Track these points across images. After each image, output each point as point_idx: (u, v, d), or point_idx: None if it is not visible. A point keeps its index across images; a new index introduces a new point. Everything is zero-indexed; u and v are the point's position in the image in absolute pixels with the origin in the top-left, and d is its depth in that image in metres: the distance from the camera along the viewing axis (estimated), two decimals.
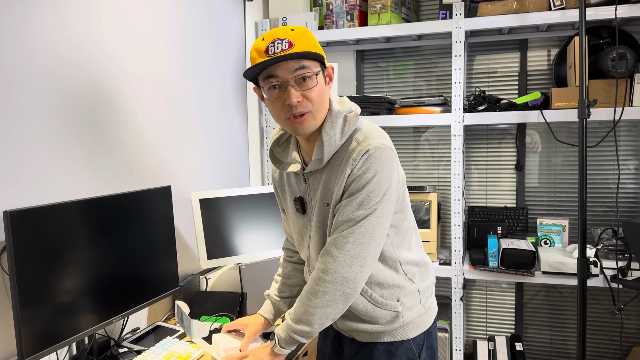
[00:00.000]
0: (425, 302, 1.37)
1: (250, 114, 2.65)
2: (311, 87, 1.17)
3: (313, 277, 1.22)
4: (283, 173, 1.40)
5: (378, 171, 1.18)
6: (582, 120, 2.00)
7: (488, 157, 2.77)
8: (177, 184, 2.06)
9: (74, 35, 1.56)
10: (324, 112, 1.22)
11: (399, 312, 1.31)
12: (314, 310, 1.20)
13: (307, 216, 1.34)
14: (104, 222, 1.50)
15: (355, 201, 1.18)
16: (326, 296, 1.19)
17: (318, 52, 1.17)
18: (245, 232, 2.06)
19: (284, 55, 1.13)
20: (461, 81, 2.37)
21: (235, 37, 2.48)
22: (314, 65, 1.18)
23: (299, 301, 1.24)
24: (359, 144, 1.20)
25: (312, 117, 1.19)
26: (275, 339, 1.27)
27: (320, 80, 1.19)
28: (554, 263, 2.27)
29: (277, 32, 1.17)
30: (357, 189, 1.18)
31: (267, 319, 1.50)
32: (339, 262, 1.18)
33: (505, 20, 2.30)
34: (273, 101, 1.20)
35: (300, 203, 1.34)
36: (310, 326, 1.21)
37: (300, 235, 1.38)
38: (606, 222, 2.59)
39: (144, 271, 1.65)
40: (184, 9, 2.09)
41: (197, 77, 2.19)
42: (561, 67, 2.51)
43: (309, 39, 1.18)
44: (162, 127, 1.97)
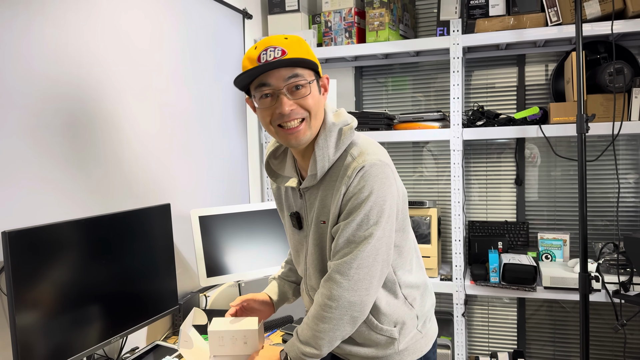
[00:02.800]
0: (423, 327, 1.32)
1: (250, 131, 2.66)
2: (305, 96, 1.13)
3: (318, 302, 1.18)
4: (280, 187, 1.38)
5: (374, 189, 1.13)
6: (580, 135, 2.01)
7: (488, 172, 2.77)
8: (177, 201, 2.06)
9: (73, 53, 1.57)
10: (319, 123, 1.18)
11: (395, 339, 1.27)
12: (321, 335, 1.16)
13: (304, 232, 1.30)
14: (103, 241, 1.50)
15: (354, 222, 1.13)
16: (333, 321, 1.15)
17: (312, 60, 1.14)
18: (245, 249, 2.05)
19: (276, 62, 1.09)
20: (460, 97, 2.38)
21: (234, 54, 2.50)
22: (308, 73, 1.14)
23: (305, 324, 1.20)
24: (354, 159, 1.15)
25: (307, 127, 1.15)
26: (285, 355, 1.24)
27: (314, 89, 1.16)
28: (555, 278, 2.25)
29: (269, 40, 1.13)
30: (353, 208, 1.14)
31: (273, 300, 1.46)
32: (343, 288, 1.14)
33: (502, 36, 2.32)
34: (264, 110, 1.15)
35: (297, 218, 1.30)
36: (319, 349, 1.18)
37: (296, 250, 1.35)
38: (607, 236, 2.59)
39: (142, 290, 1.64)
40: (184, 27, 2.11)
41: (197, 94, 2.20)
42: (559, 82, 2.52)
43: (302, 47, 1.14)
44: (161, 144, 1.97)
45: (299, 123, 1.14)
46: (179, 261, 2.07)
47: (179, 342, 1.49)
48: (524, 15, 2.30)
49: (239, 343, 1.33)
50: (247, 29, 2.60)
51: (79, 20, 1.59)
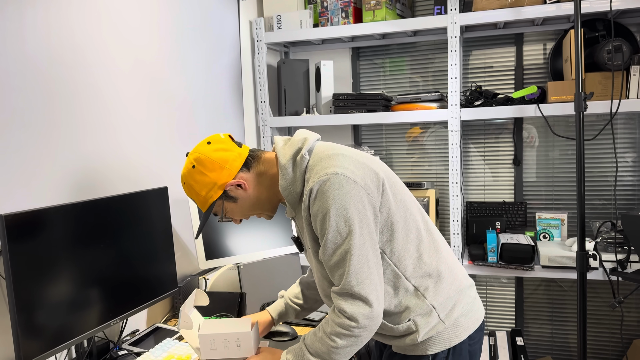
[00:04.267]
0: (448, 317, 1.26)
1: (247, 113, 2.64)
2: (232, 217, 1.32)
3: (335, 321, 1.17)
4: None
5: (329, 204, 1.13)
6: (579, 113, 2.00)
7: (486, 152, 2.77)
8: (174, 184, 2.05)
9: (66, 37, 1.55)
10: (262, 207, 1.30)
11: (414, 331, 1.24)
12: (339, 351, 1.18)
13: (306, 252, 1.35)
14: (101, 225, 1.50)
15: (329, 243, 1.15)
16: (353, 338, 1.17)
17: (208, 203, 1.27)
18: (243, 231, 2.05)
19: (202, 222, 1.34)
20: (457, 77, 2.36)
21: (229, 36, 2.47)
22: (217, 206, 1.29)
23: (319, 339, 1.20)
24: (307, 183, 1.20)
25: (261, 216, 1.34)
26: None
27: (231, 207, 1.29)
28: (553, 257, 2.26)
29: (183, 188, 1.35)
30: (321, 230, 1.17)
31: (273, 318, 1.50)
32: (358, 306, 1.15)
33: (500, 15, 2.29)
34: None
35: (297, 242, 1.37)
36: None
37: (310, 269, 1.45)
38: (605, 215, 2.59)
39: (142, 273, 1.65)
40: (178, 10, 2.08)
41: (192, 77, 2.18)
42: (557, 60, 2.50)
43: (195, 191, 1.27)
44: (157, 127, 1.96)
45: (256, 215, 1.34)
46: (178, 244, 2.07)
47: (179, 323, 1.50)
48: None
49: (231, 346, 1.29)
50: (242, 10, 2.57)
51: (72, 3, 1.56)
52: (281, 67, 2.69)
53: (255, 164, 1.28)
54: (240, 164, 1.26)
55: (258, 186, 1.27)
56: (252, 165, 1.28)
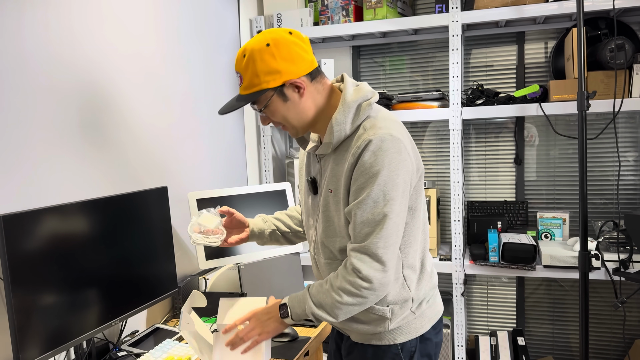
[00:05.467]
0: (418, 309, 1.30)
1: (247, 112, 2.63)
2: (268, 115, 1.22)
3: (347, 278, 1.17)
4: (303, 156, 1.42)
5: (385, 164, 1.13)
6: (581, 112, 1.99)
7: (487, 151, 2.75)
8: (174, 184, 2.04)
9: (66, 36, 1.53)
10: (302, 122, 1.22)
11: (387, 318, 1.26)
12: (342, 307, 1.18)
13: (317, 197, 1.31)
14: (100, 225, 1.48)
15: (370, 199, 1.14)
16: (361, 299, 1.17)
17: (258, 88, 1.16)
18: None
19: (228, 109, 1.21)
20: (459, 75, 2.35)
21: (229, 34, 2.45)
22: (265, 96, 1.18)
23: (325, 290, 1.19)
24: (365, 131, 1.17)
25: (291, 128, 1.23)
26: (287, 311, 1.24)
27: (275, 104, 1.19)
28: (555, 257, 2.25)
29: (237, 59, 1.21)
30: (366, 184, 1.14)
31: (250, 229, 1.48)
32: (376, 270, 1.15)
33: (502, 13, 2.28)
34: None
35: (313, 184, 1.31)
36: (334, 318, 1.20)
37: (308, 216, 1.36)
38: (607, 214, 2.58)
39: (141, 273, 1.63)
40: (177, 8, 2.06)
41: (192, 75, 2.16)
42: (559, 59, 2.49)
43: (255, 69, 1.16)
44: (157, 126, 1.94)
45: (282, 127, 1.24)
46: (178, 244, 2.06)
47: (180, 324, 1.49)
48: None
49: None
50: (242, 7, 2.55)
51: (72, 2, 1.55)
52: None
53: (319, 79, 1.22)
54: (308, 70, 1.20)
55: (311, 100, 1.21)
56: (316, 79, 1.22)
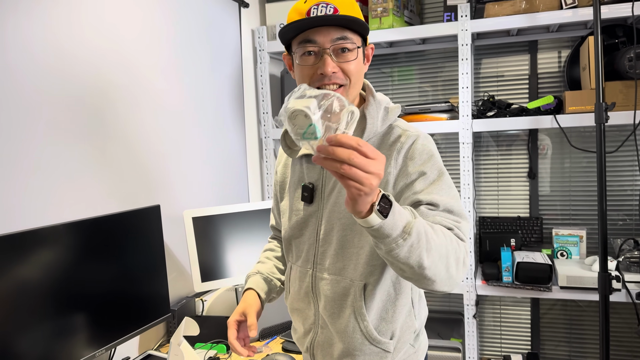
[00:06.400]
0: (416, 341, 1.21)
1: (248, 125, 2.54)
2: (350, 60, 1.07)
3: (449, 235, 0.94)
4: (289, 160, 1.28)
5: (433, 153, 1.09)
6: (599, 125, 1.87)
7: (499, 164, 2.64)
8: (171, 201, 1.95)
9: (56, 47, 1.45)
10: (356, 92, 1.12)
11: (389, 352, 1.14)
12: (438, 248, 0.89)
13: (314, 206, 1.18)
14: (88, 248, 1.39)
15: (434, 171, 1.07)
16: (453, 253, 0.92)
17: (365, 23, 1.07)
18: (243, 251, 1.94)
19: (329, 17, 1.03)
20: (469, 86, 2.25)
21: (231, 45, 2.38)
22: (357, 38, 1.08)
23: (434, 231, 0.90)
24: (404, 130, 1.11)
25: (345, 94, 1.08)
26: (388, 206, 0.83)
27: (360, 55, 1.09)
28: (572, 277, 2.13)
29: None
30: (427, 163, 1.07)
31: (262, 299, 1.28)
32: (465, 223, 1.02)
33: (513, 21, 2.18)
34: (304, 68, 1.08)
35: (310, 190, 1.18)
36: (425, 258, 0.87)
37: (299, 229, 1.21)
38: (626, 231, 2.45)
39: (132, 297, 1.54)
40: (177, 18, 1.99)
41: (191, 87, 2.08)
42: (574, 68, 2.38)
43: (355, 9, 1.08)
44: (153, 141, 1.86)
45: (336, 88, 1.07)
46: (174, 264, 1.96)
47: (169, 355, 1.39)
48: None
49: None
50: (243, 18, 2.48)
51: (60, 14, 1.47)
52: (284, 77, 2.59)
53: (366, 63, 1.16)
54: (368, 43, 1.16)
55: (363, 77, 1.15)
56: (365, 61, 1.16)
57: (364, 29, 1.08)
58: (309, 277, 1.20)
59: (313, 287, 1.19)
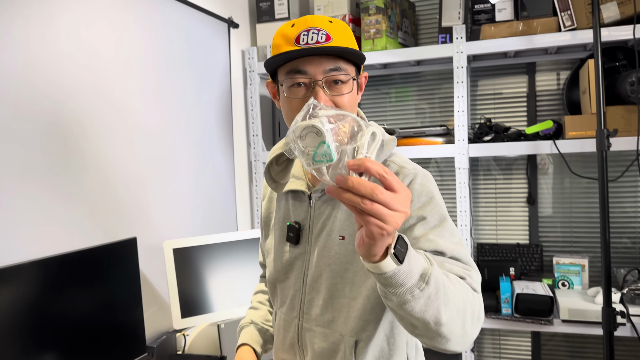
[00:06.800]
0: None
1: (237, 148, 2.46)
2: (344, 93, 0.97)
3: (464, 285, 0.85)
4: (274, 195, 1.18)
5: (434, 195, 0.97)
6: (601, 152, 1.79)
7: (497, 190, 2.55)
8: (151, 231, 1.85)
9: (24, 67, 1.37)
10: None
11: None
12: (455, 300, 0.79)
13: (301, 248, 1.08)
14: (55, 287, 1.30)
15: (437, 216, 0.95)
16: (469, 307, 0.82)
17: (360, 53, 0.98)
18: (228, 285, 1.84)
19: (323, 48, 0.93)
20: (465, 109, 2.17)
21: (219, 66, 2.30)
22: (351, 68, 0.99)
23: (449, 281, 0.80)
24: (401, 167, 1.01)
25: None
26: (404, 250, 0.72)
27: (354, 86, 1.00)
28: (574, 310, 2.03)
29: (312, 19, 0.97)
30: (427, 207, 0.95)
31: (258, 353, 1.20)
32: (475, 273, 0.92)
33: (510, 44, 2.11)
34: (292, 101, 0.97)
35: (296, 231, 1.08)
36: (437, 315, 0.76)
37: (285, 272, 1.11)
38: (628, 260, 2.36)
39: (105, 337, 1.43)
40: (161, 39, 1.91)
41: (175, 110, 2.00)
42: (573, 91, 2.30)
43: (348, 36, 0.99)
44: (131, 168, 1.77)
45: None
46: (154, 298, 1.86)
47: None
48: (534, 20, 2.09)
49: None
50: (233, 38, 2.41)
51: (30, 37, 1.39)
52: None
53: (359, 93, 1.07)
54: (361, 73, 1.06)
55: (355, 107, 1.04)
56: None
57: (360, 59, 1.00)
58: (294, 327, 1.09)
59: (299, 338, 1.09)
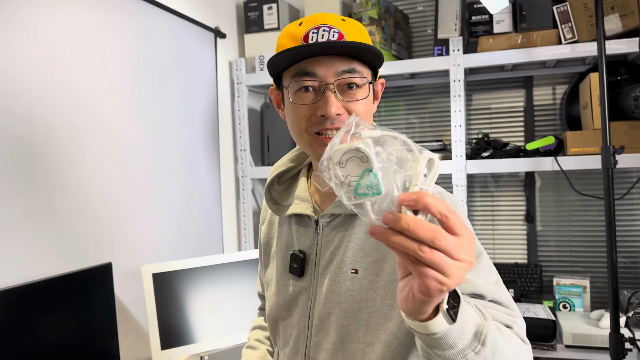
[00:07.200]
0: None
1: (224, 164, 2.34)
2: (359, 99, 0.84)
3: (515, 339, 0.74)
4: (275, 218, 1.03)
5: (465, 219, 0.86)
6: (607, 170, 1.71)
7: (494, 207, 2.46)
8: (129, 255, 1.72)
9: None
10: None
11: None
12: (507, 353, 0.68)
13: (306, 281, 0.93)
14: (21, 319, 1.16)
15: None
16: None
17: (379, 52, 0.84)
18: (212, 312, 1.71)
19: (334, 43, 0.80)
20: (462, 124, 2.08)
21: (205, 77, 2.19)
22: (367, 71, 0.86)
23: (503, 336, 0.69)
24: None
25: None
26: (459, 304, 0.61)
27: (370, 92, 0.87)
28: (578, 335, 1.93)
29: (322, 17, 0.84)
30: None
31: None
32: (519, 320, 0.78)
33: (510, 56, 2.03)
34: (299, 108, 0.84)
35: (300, 261, 0.92)
36: None
37: (287, 308, 0.95)
38: (630, 280, 2.27)
39: None
40: (141, 47, 1.80)
41: (157, 124, 1.88)
42: (573, 106, 2.23)
43: (364, 37, 0.86)
44: (108, 186, 1.64)
45: None
46: (132, 327, 1.72)
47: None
48: (534, 32, 2.02)
49: None
50: (219, 49, 2.30)
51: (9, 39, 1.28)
52: (264, 111, 2.41)
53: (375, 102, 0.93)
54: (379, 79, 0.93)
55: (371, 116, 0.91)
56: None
57: (377, 59, 0.85)
58: None
59: None
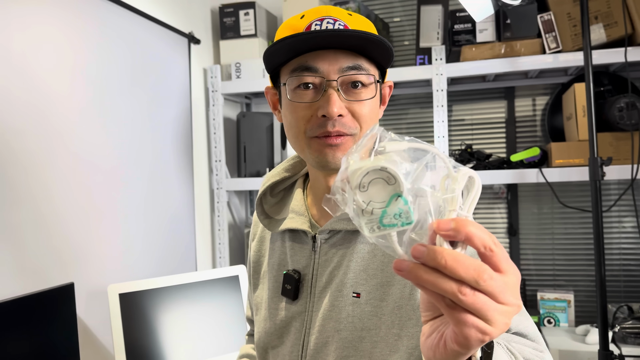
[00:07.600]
0: None
1: (198, 176, 2.22)
2: (364, 99, 0.76)
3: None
4: (267, 234, 0.93)
5: None
6: (595, 182, 1.67)
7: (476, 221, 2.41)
8: (94, 273, 1.59)
9: None
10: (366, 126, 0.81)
11: None
12: None
13: (300, 305, 0.83)
14: None
15: None
16: None
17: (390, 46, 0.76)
18: (185, 335, 1.59)
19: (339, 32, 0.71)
20: (445, 135, 2.03)
21: (178, 85, 2.08)
22: (373, 69, 0.78)
23: None
24: None
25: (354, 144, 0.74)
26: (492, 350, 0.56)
27: (377, 93, 0.78)
28: (565, 352, 1.88)
29: (326, 9, 0.76)
30: None
31: None
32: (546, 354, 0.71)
33: (493, 66, 1.99)
34: (298, 107, 0.76)
35: (294, 282, 0.82)
36: None
37: (278, 334, 0.85)
38: (614, 294, 2.24)
39: None
40: (109, 51, 1.68)
41: (125, 134, 1.76)
42: (555, 117, 2.21)
43: (371, 29, 0.78)
44: (72, 200, 1.51)
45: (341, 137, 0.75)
46: (97, 352, 1.58)
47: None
48: (518, 42, 1.99)
49: None
50: (193, 55, 2.20)
51: None
52: (241, 120, 2.32)
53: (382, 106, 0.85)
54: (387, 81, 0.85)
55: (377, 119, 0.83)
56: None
57: (387, 55, 0.77)
58: None
59: None
